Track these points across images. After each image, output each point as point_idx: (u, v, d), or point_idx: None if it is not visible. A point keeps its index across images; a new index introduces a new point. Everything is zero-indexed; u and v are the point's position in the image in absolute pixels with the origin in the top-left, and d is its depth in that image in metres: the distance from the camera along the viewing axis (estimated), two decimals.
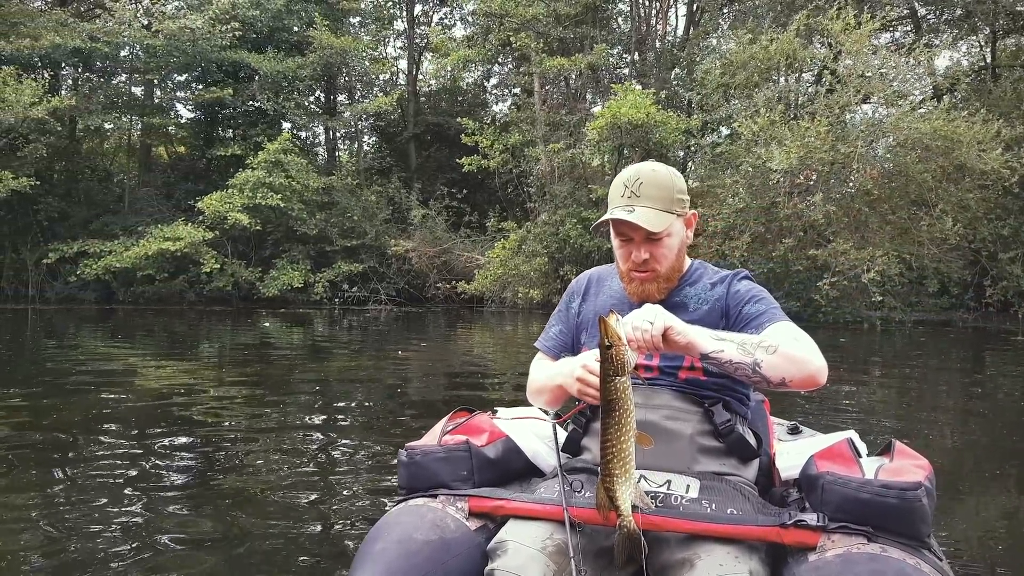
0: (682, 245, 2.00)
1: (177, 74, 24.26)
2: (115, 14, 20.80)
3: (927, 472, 1.64)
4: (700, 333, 1.73)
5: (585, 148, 19.96)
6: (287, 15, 22.84)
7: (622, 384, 1.58)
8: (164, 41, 20.99)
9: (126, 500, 3.73)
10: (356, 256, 22.64)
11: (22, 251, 22.30)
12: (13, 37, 19.54)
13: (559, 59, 20.67)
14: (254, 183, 20.25)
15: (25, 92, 18.35)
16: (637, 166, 2.01)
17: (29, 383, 7.61)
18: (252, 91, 22.77)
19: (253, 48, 22.93)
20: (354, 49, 23.58)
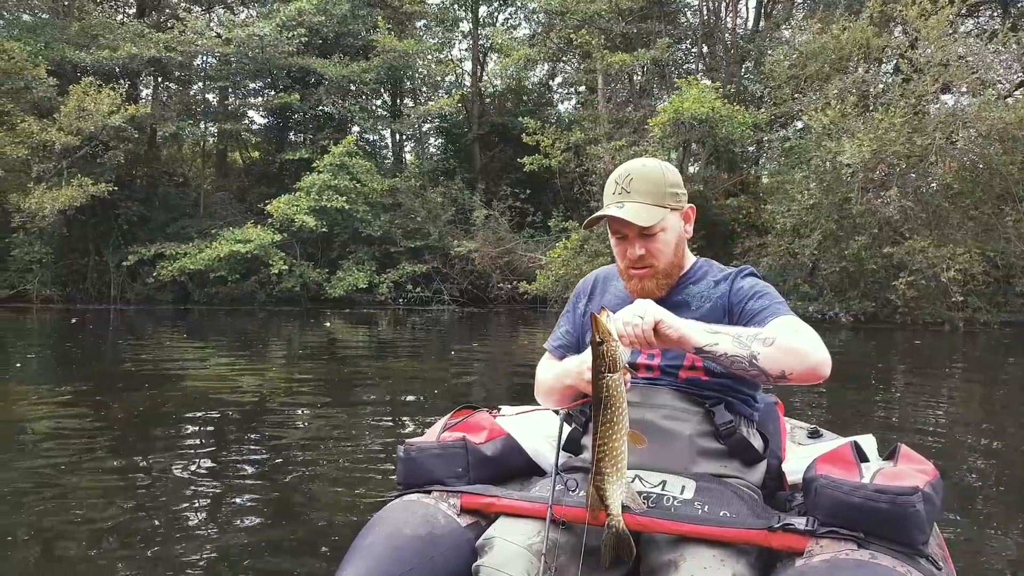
0: (679, 240, 1.97)
1: (249, 81, 24.90)
2: (188, 24, 21.47)
3: (929, 477, 1.58)
4: (693, 327, 1.70)
5: (649, 145, 19.58)
6: (352, 20, 23.18)
7: (614, 381, 1.56)
8: (235, 49, 21.56)
9: (196, 488, 3.96)
10: (420, 257, 22.82)
11: (105, 254, 23.25)
12: (94, 48, 20.38)
13: (621, 55, 20.34)
14: (320, 186, 20.64)
15: (104, 101, 19.11)
16: (629, 163, 1.99)
17: (110, 379, 8.06)
18: (318, 96, 23.15)
19: (320, 54, 23.36)
20: (417, 52, 23.74)
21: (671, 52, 22.09)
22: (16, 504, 3.64)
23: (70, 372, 9.06)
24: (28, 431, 5.34)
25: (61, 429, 5.44)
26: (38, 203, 18.82)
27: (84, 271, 23.52)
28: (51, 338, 13.88)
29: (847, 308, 16.79)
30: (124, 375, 8.46)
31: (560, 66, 26.47)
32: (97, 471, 4.32)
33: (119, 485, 4.01)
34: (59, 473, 4.23)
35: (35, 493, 3.83)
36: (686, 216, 2.00)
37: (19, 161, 19.48)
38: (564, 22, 21.54)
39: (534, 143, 21.77)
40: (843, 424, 5.62)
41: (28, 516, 3.46)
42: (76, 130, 19.25)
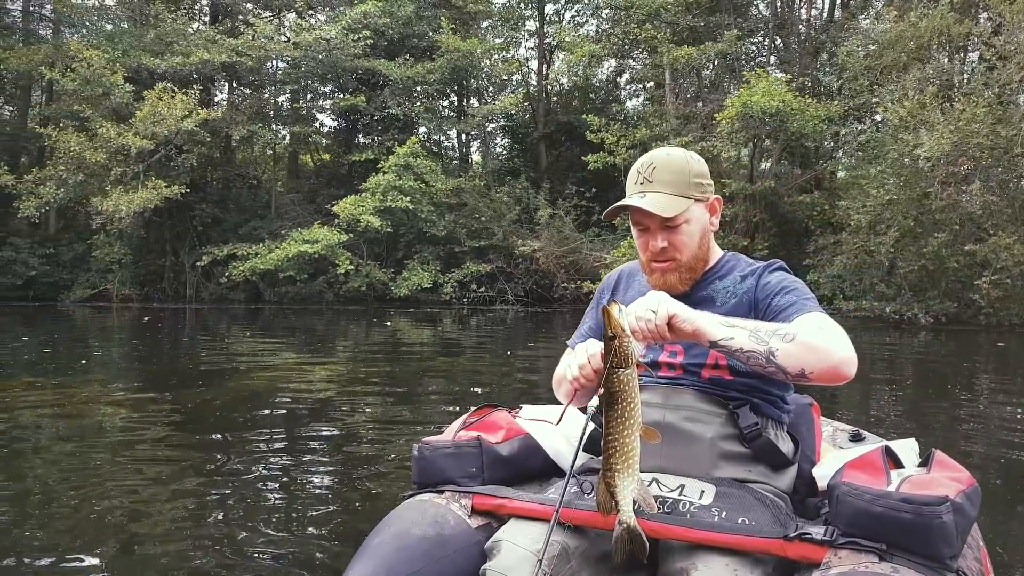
0: (704, 232, 1.90)
1: (318, 84, 25.36)
2: (257, 29, 21.96)
3: (963, 487, 1.48)
4: (708, 320, 1.62)
5: (717, 141, 19.16)
6: (417, 21, 23.36)
7: (626, 376, 1.52)
8: (302, 53, 21.97)
9: (268, 478, 4.09)
10: (484, 256, 22.85)
11: (181, 255, 24.01)
12: (168, 55, 21.02)
13: (687, 48, 19.94)
14: (385, 186, 20.87)
15: (177, 106, 19.69)
16: (653, 151, 1.93)
17: (178, 374, 8.39)
18: (384, 98, 23.41)
19: (386, 55, 23.61)
20: (482, 51, 23.76)
21: (740, 45, 21.56)
22: (91, 495, 3.74)
23: (142, 367, 9.40)
24: (103, 424, 5.57)
25: (133, 421, 5.67)
26: (115, 205, 19.51)
27: (161, 271, 24.33)
28: (127, 336, 14.33)
29: (927, 309, 16.11)
30: (192, 371, 8.77)
31: (628, 63, 26.18)
32: (163, 461, 4.50)
33: (182, 475, 4.16)
34: (132, 461, 4.43)
35: (109, 484, 3.95)
36: (712, 208, 1.92)
37: (99, 165, 20.20)
38: (630, 16, 21.25)
39: (599, 141, 21.56)
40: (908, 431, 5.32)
41: (103, 507, 3.56)
42: (151, 134, 19.89)
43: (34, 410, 5.98)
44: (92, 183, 20.80)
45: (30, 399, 6.43)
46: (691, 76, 23.31)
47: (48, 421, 5.62)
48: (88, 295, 22.98)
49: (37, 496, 3.74)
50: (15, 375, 7.98)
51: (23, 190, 20.66)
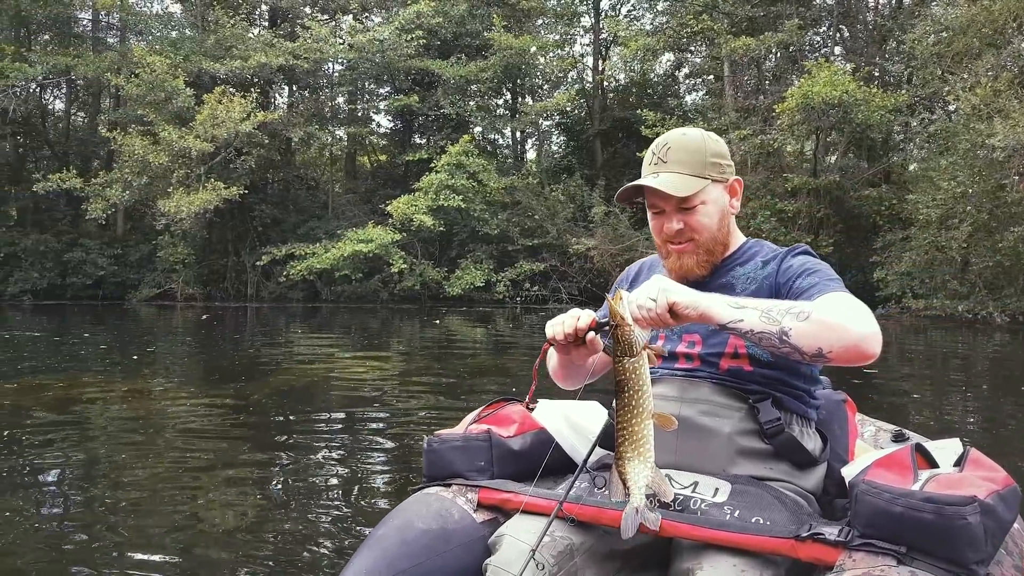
0: (723, 214, 1.83)
1: (373, 85, 25.55)
2: (313, 32, 22.23)
3: (996, 488, 1.40)
4: (715, 302, 1.55)
5: (778, 134, 18.60)
6: (470, 20, 23.34)
7: (632, 365, 1.51)
8: (357, 54, 22.16)
9: (319, 472, 4.18)
10: (538, 255, 22.71)
11: (242, 254, 24.52)
12: (227, 59, 21.44)
13: (745, 39, 19.39)
14: (437, 185, 20.89)
15: (235, 109, 20.05)
16: (669, 132, 1.86)
17: (243, 371, 8.68)
18: (437, 97, 23.47)
19: (439, 55, 23.65)
20: (536, 48, 23.60)
21: (802, 35, 20.90)
22: (153, 488, 3.84)
23: (202, 363, 9.73)
24: (166, 416, 5.78)
25: (193, 413, 5.92)
26: (176, 207, 19.97)
27: (223, 271, 24.88)
28: (189, 334, 14.64)
29: (1002, 307, 15.35)
30: (250, 367, 9.07)
31: (686, 56, 25.71)
32: (220, 452, 4.66)
33: (238, 465, 4.33)
34: (191, 451, 4.64)
35: (169, 471, 4.13)
36: (732, 190, 1.84)
37: (162, 168, 20.73)
38: (686, 8, 20.81)
39: (654, 136, 21.12)
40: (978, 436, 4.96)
41: (163, 502, 3.66)
42: (211, 137, 20.29)
43: (101, 404, 6.26)
44: (156, 185, 21.34)
45: (97, 394, 6.73)
46: (751, 68, 22.71)
47: (114, 414, 5.88)
48: (154, 294, 23.65)
49: (104, 484, 3.90)
50: (84, 370, 8.31)
51: (91, 192, 21.31)
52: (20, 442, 4.72)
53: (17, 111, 22.34)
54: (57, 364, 8.95)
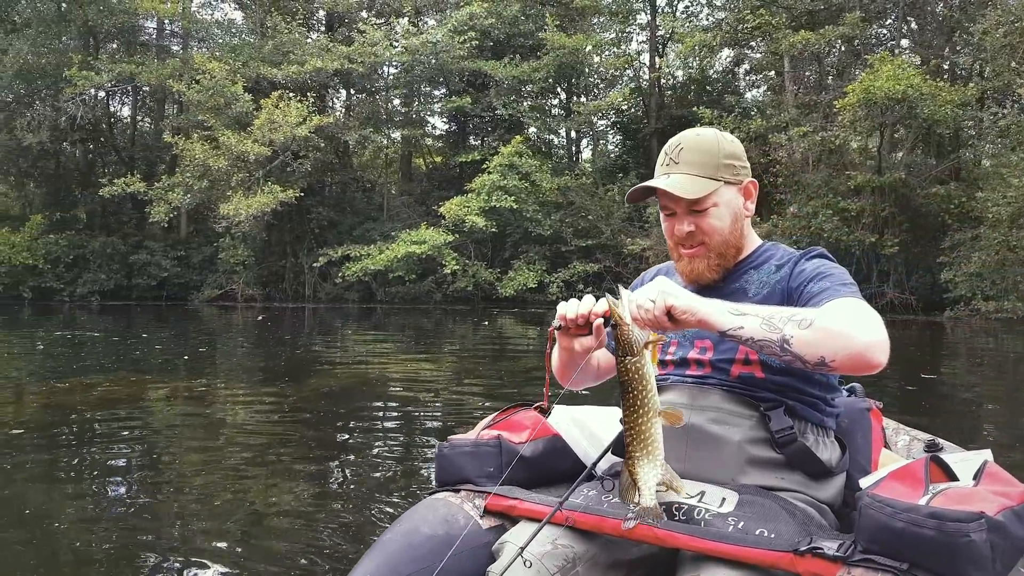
0: (737, 217, 1.78)
1: (428, 87, 25.71)
2: (367, 36, 22.46)
3: (1010, 503, 1.33)
4: (714, 308, 1.50)
5: (839, 130, 18.03)
6: (523, 20, 23.29)
7: (633, 364, 1.51)
8: (411, 57, 22.31)
9: (373, 468, 4.30)
10: (591, 256, 22.51)
11: (300, 256, 24.94)
12: (284, 64, 21.82)
13: (804, 33, 18.85)
14: (489, 187, 20.88)
15: (291, 113, 20.37)
16: (682, 132, 1.82)
17: (298, 369, 8.93)
18: (489, 98, 23.47)
19: (492, 56, 23.67)
20: (592, 47, 23.39)
21: (865, 28, 20.23)
22: (210, 481, 4.03)
23: (260, 361, 10.12)
24: (222, 415, 6.03)
25: (250, 409, 6.20)
26: (234, 210, 20.39)
27: (282, 272, 25.35)
28: (248, 333, 15.02)
29: None
30: (302, 365, 9.32)
31: (746, 52, 25.16)
32: (276, 445, 4.86)
33: (292, 459, 4.49)
34: (247, 446, 4.85)
35: (227, 471, 4.25)
36: (747, 192, 1.79)
37: (221, 172, 21.19)
38: (743, 3, 20.36)
39: None
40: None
41: (220, 493, 3.83)
42: (268, 141, 20.67)
43: (163, 401, 6.59)
44: (217, 189, 21.83)
45: (159, 391, 7.07)
46: (812, 64, 22.11)
47: (175, 410, 6.18)
48: (215, 295, 24.26)
49: (165, 476, 4.12)
50: (148, 369, 8.70)
51: (154, 196, 21.92)
52: (88, 436, 5.02)
53: (85, 118, 23.09)
54: (122, 363, 9.29)
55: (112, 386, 7.09)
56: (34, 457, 4.43)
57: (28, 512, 3.43)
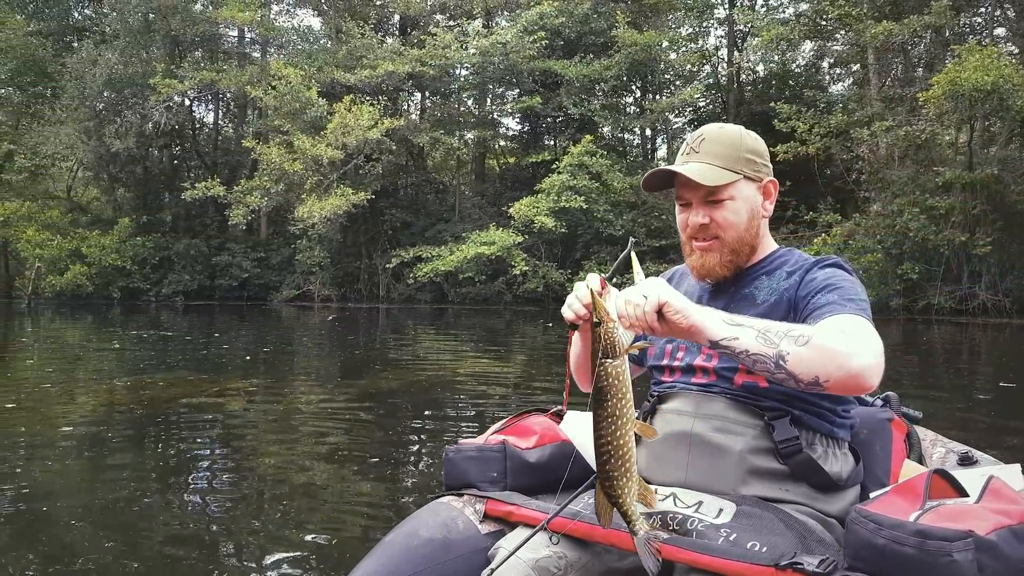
0: (753, 214, 1.73)
1: (500, 88, 25.71)
2: (438, 39, 22.60)
3: (1008, 522, 1.29)
4: (708, 316, 1.45)
5: (926, 124, 17.10)
6: (594, 18, 23.01)
7: (614, 368, 1.40)
8: (481, 58, 22.33)
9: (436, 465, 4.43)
10: (665, 256, 22.02)
11: (374, 257, 25.31)
12: (357, 69, 22.16)
13: (886, 23, 17.95)
14: (559, 187, 20.72)
15: (363, 117, 20.65)
16: (707, 125, 1.79)
17: (370, 368, 9.42)
18: (560, 98, 23.30)
19: (563, 55, 23.50)
20: (668, 43, 22.94)
21: (954, 17, 19.13)
22: (285, 474, 4.26)
23: (333, 360, 10.55)
24: (296, 411, 6.29)
25: (325, 405, 6.53)
26: (308, 212, 20.82)
27: (357, 273, 25.79)
28: (322, 332, 15.40)
29: None
30: (369, 363, 9.79)
31: (829, 45, 24.22)
32: (348, 443, 5.15)
33: (364, 455, 4.73)
34: (321, 440, 5.16)
35: (301, 465, 4.48)
36: (766, 191, 1.75)
37: (297, 175, 21.68)
38: None
39: (788, 130, 20.04)
40: None
41: (293, 485, 4.06)
42: (341, 145, 21.02)
43: (243, 397, 6.99)
44: (293, 192, 22.35)
45: (240, 387, 7.51)
46: (899, 55, 21.07)
47: (255, 405, 6.57)
48: (293, 295, 24.85)
49: (245, 468, 4.44)
50: (229, 365, 9.37)
51: (233, 199, 22.59)
52: (174, 431, 5.40)
53: (169, 124, 23.98)
54: (205, 360, 9.89)
55: (189, 383, 7.49)
56: (119, 449, 4.84)
57: (118, 504, 3.68)
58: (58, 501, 3.74)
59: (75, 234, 24.73)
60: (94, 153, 24.59)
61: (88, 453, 4.76)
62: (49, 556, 3.01)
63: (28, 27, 25.75)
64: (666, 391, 1.76)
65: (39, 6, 28.21)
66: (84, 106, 23.75)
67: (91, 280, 23.96)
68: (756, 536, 1.46)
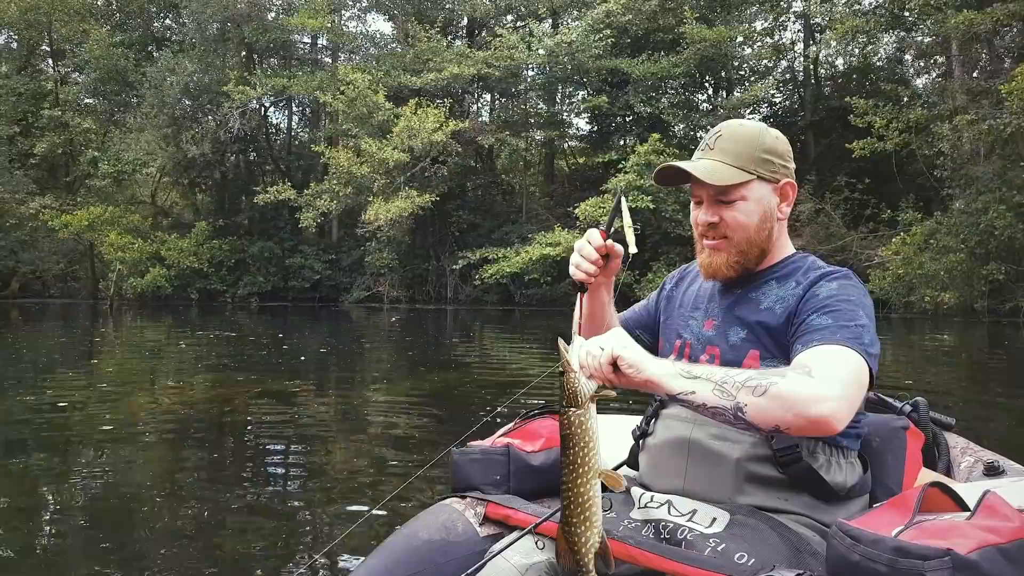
0: (767, 215, 1.67)
1: (566, 87, 25.59)
2: (503, 40, 22.62)
3: (995, 540, 1.22)
4: (664, 370, 1.43)
5: (1011, 118, 16.24)
6: (662, 15, 22.67)
7: (577, 417, 1.40)
8: (547, 58, 22.24)
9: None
10: None
11: (442, 259, 25.50)
12: (424, 72, 22.35)
13: (967, 13, 17.11)
14: (625, 186, 20.43)
15: (428, 120, 20.81)
16: (727, 121, 1.75)
17: (440, 366, 9.71)
18: (627, 96, 23.05)
19: (630, 53, 23.24)
20: (742, 39, 22.43)
21: None
22: (350, 468, 4.45)
23: (400, 359, 11.01)
24: (362, 408, 6.58)
25: (389, 402, 6.86)
26: (374, 215, 21.10)
27: (425, 275, 26.04)
28: (392, 333, 15.77)
29: None
30: (452, 363, 9.96)
31: (912, 37, 23.27)
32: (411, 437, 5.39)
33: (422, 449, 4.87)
34: (385, 435, 5.40)
35: (365, 461, 4.71)
36: (783, 193, 1.67)
37: (365, 178, 21.99)
38: None
39: (865, 125, 19.33)
40: None
41: (359, 478, 4.27)
42: (407, 148, 21.22)
43: (314, 394, 7.36)
44: (361, 195, 22.68)
45: (312, 385, 7.93)
46: (984, 46, 20.09)
47: (325, 402, 6.90)
48: (363, 296, 25.22)
49: (315, 458, 4.70)
50: (303, 363, 9.75)
51: (303, 203, 23.06)
52: (247, 426, 5.73)
53: (242, 129, 24.64)
54: (276, 359, 10.32)
55: (259, 381, 7.86)
56: (194, 443, 5.12)
57: (191, 495, 3.90)
58: (137, 490, 4.02)
59: (155, 237, 25.66)
60: (172, 159, 25.47)
61: (165, 445, 5.08)
62: (127, 541, 3.26)
63: (112, 38, 26.83)
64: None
65: (123, 18, 29.39)
66: (163, 113, 24.61)
67: (170, 282, 24.84)
68: (745, 547, 1.45)
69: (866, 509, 1.64)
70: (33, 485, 4.14)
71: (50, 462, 4.55)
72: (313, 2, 24.60)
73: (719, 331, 1.68)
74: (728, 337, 1.65)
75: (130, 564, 2.98)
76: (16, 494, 3.95)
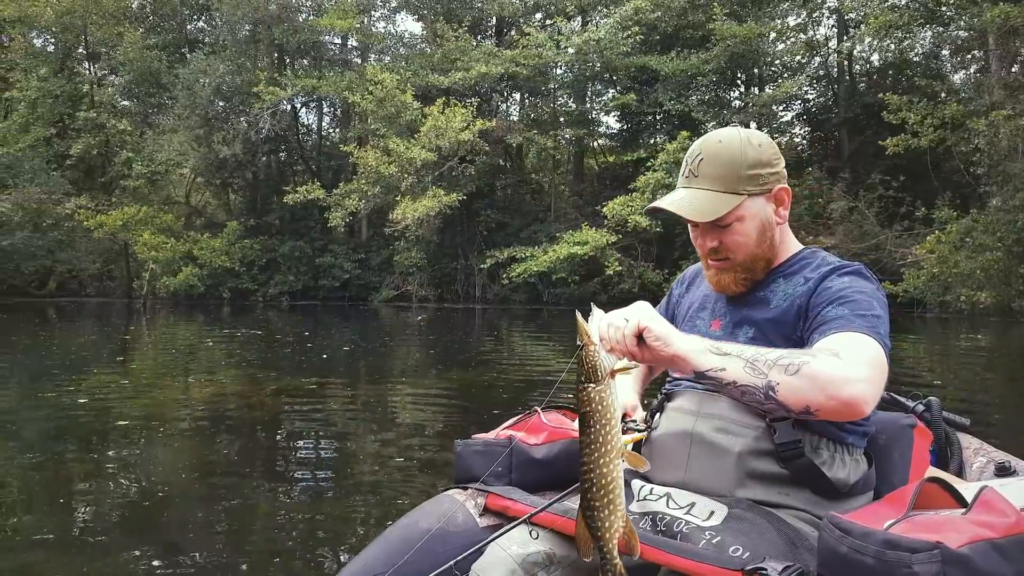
0: (765, 227, 1.68)
1: (595, 86, 25.49)
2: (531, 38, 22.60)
3: (988, 535, 1.19)
4: (694, 345, 1.44)
5: None
6: (691, 11, 22.48)
7: (597, 393, 1.35)
8: (575, 56, 22.18)
9: None
10: None
11: (470, 258, 25.54)
12: (452, 71, 22.40)
13: (1003, 6, 16.73)
14: (654, 185, 20.36)
15: (456, 118, 20.84)
16: (705, 138, 1.73)
17: (466, 364, 9.92)
18: (656, 94, 22.90)
19: (659, 50, 23.08)
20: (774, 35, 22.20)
21: None
22: (379, 464, 4.55)
23: (428, 357, 11.18)
24: (387, 406, 6.71)
25: (416, 398, 7.03)
26: (401, 214, 21.19)
27: (453, 274, 26.09)
28: (421, 332, 15.90)
29: None
30: (478, 361, 10.08)
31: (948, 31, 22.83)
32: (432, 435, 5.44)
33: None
34: (410, 432, 5.51)
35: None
36: (778, 198, 1.69)
37: (393, 178, 22.09)
38: None
39: (898, 122, 19.00)
40: None
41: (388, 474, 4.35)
42: (435, 147, 21.28)
43: (345, 392, 7.56)
44: (390, 195, 22.79)
45: (342, 383, 8.13)
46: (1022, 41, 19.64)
47: (356, 399, 7.10)
48: (392, 296, 25.34)
49: (343, 456, 4.79)
50: (334, 363, 9.94)
51: (332, 203, 23.23)
52: (278, 423, 5.91)
53: (273, 130, 24.87)
54: (307, 357, 10.51)
55: (290, 379, 8.07)
56: (227, 439, 5.24)
57: (224, 492, 3.99)
58: (167, 482, 4.18)
59: (187, 237, 26.00)
60: (204, 159, 25.77)
61: (194, 439, 5.24)
62: (160, 531, 3.39)
63: (146, 41, 27.23)
64: (673, 389, 1.75)
65: (156, 20, 29.82)
66: (195, 114, 24.90)
67: (202, 281, 25.13)
68: (741, 540, 1.44)
69: None
70: (68, 477, 4.27)
71: (85, 455, 4.70)
72: (342, 3, 24.76)
73: (727, 331, 1.69)
74: (736, 337, 1.65)
75: (163, 553, 3.08)
76: (53, 485, 4.08)
